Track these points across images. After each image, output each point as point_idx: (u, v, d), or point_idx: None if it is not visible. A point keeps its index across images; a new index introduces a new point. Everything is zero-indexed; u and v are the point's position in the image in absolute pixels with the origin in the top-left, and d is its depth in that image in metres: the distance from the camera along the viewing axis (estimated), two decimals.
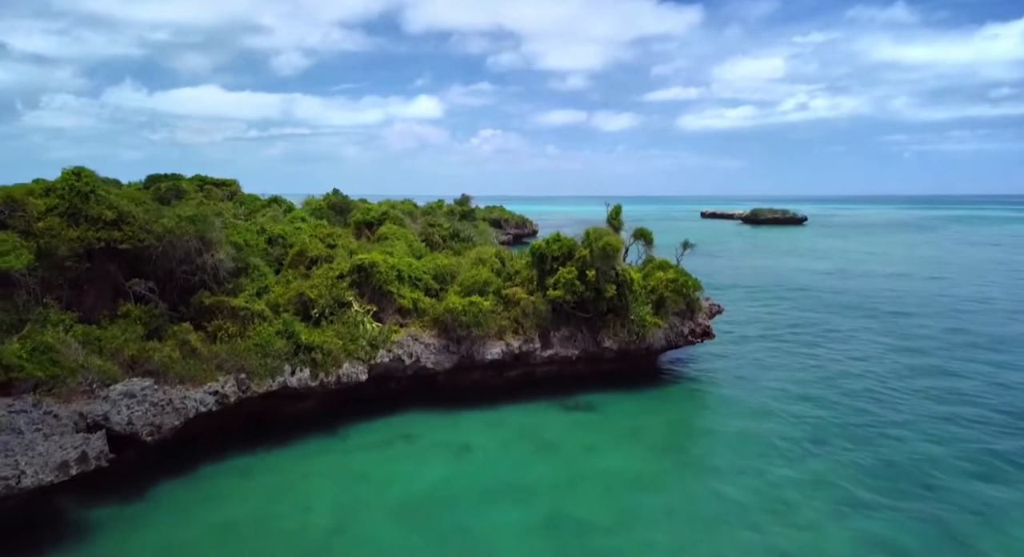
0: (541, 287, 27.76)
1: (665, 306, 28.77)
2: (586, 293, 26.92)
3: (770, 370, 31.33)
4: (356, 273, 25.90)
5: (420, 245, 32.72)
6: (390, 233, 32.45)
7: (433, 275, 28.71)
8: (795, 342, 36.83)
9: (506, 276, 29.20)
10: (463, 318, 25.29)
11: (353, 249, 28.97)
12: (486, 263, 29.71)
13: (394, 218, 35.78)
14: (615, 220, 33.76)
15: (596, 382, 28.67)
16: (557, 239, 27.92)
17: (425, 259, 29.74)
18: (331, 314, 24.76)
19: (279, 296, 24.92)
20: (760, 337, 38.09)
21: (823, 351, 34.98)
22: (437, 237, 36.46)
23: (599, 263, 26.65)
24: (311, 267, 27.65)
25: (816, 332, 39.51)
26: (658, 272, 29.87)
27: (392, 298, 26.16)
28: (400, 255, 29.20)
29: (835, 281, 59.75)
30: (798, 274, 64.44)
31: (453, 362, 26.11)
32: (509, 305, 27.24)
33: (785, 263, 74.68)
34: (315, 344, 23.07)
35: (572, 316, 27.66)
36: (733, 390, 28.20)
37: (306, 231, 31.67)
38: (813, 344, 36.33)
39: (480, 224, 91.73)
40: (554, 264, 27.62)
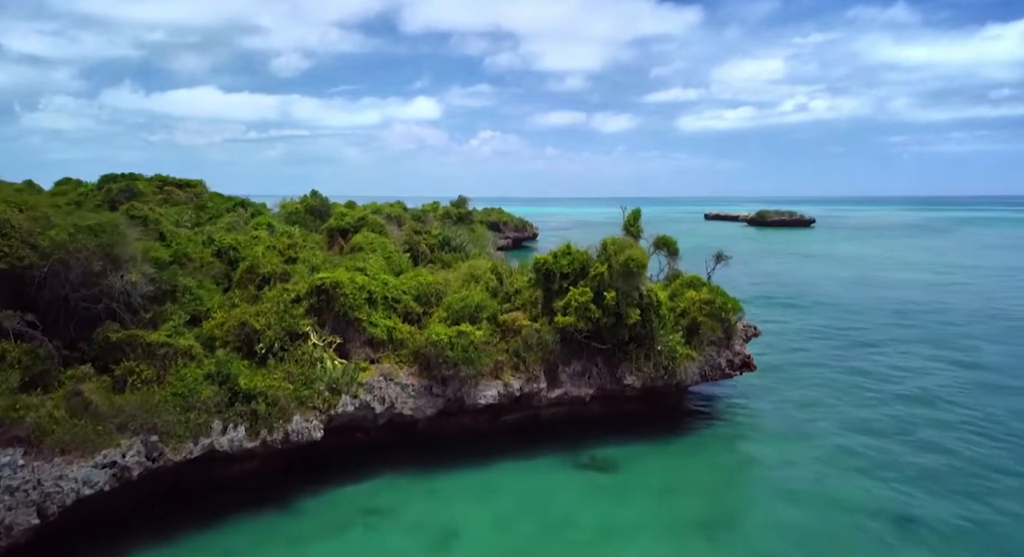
0: (547, 311, 22.49)
1: (699, 333, 23.53)
2: (603, 319, 21.66)
3: (822, 407, 26.08)
4: (315, 296, 20.62)
5: (402, 257, 27.44)
6: (365, 243, 27.18)
7: (415, 296, 23.43)
8: (842, 368, 31.58)
9: (504, 297, 23.95)
10: (450, 353, 20.03)
11: (316, 264, 23.68)
12: (480, 280, 24.44)
13: (373, 224, 30.51)
14: (633, 227, 28.55)
15: (613, 426, 23.45)
16: (567, 252, 22.66)
17: (406, 276, 24.47)
18: (282, 349, 19.50)
19: (215, 327, 19.64)
20: (800, 361, 32.85)
21: (878, 378, 29.76)
22: (424, 247, 31.20)
23: (620, 283, 21.40)
24: (263, 287, 22.38)
25: (862, 353, 34.28)
26: (689, 291, 24.63)
27: (361, 327, 20.88)
28: (375, 271, 23.93)
29: (865, 290, 54.53)
30: (822, 282, 59.21)
31: (437, 407, 20.85)
32: (508, 334, 21.99)
33: (805, 270, 69.48)
34: (257, 390, 17.79)
35: (585, 347, 22.40)
36: (782, 437, 22.94)
37: (264, 241, 26.39)
38: (863, 371, 31.05)
39: (477, 228, 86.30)
40: (563, 283, 22.35)
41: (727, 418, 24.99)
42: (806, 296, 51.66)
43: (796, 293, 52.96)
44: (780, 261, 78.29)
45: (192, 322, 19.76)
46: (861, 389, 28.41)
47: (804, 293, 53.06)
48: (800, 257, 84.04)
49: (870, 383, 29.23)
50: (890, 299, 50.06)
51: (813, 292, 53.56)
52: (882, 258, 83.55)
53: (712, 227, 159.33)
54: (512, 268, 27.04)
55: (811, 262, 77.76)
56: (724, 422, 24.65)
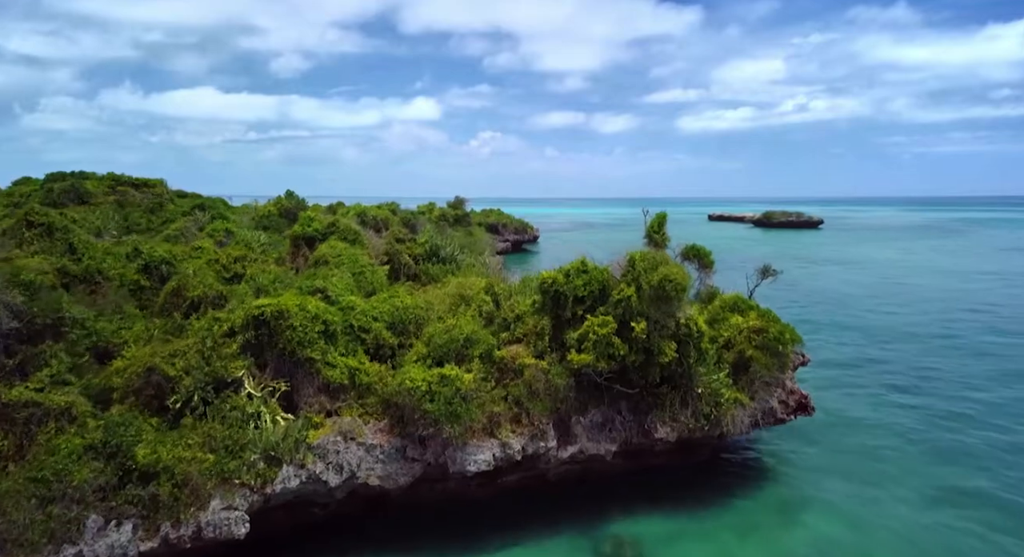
0: (557, 345, 17.54)
1: (748, 371, 18.59)
2: (630, 357, 16.71)
3: (890, 458, 21.15)
4: (253, 329, 15.66)
5: (377, 273, 22.43)
6: (332, 255, 22.21)
7: (388, 323, 18.47)
8: (904, 405, 26.64)
9: (502, 324, 19.01)
10: (428, 406, 15.07)
11: (264, 284, 18.72)
12: (471, 303, 19.51)
13: (345, 231, 25.54)
14: (658, 234, 23.61)
15: (639, 488, 18.56)
16: (582, 270, 17.67)
17: (379, 298, 19.48)
18: (204, 403, 14.55)
19: (114, 374, 14.69)
20: (848, 391, 27.93)
21: (950, 415, 24.87)
22: (406, 258, 26.23)
23: (652, 310, 16.44)
24: (191, 315, 17.45)
25: (921, 378, 29.43)
26: (733, 317, 19.71)
27: (313, 368, 15.91)
28: (339, 291, 18.95)
29: (899, 301, 49.63)
30: (850, 292, 54.29)
31: (413, 475, 15.89)
32: (506, 376, 17.05)
33: (826, 277, 64.57)
34: (161, 466, 12.88)
35: (606, 391, 17.46)
36: (852, 503, 18.03)
37: (208, 253, 21.45)
38: (929, 408, 26.13)
39: (475, 230, 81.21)
40: (578, 309, 17.39)
41: (777, 474, 20.05)
42: (836, 308, 46.73)
43: (824, 304, 48.03)
44: (798, 267, 73.33)
45: (71, 372, 14.75)
46: (931, 427, 23.51)
47: (833, 304, 48.13)
48: (817, 262, 79.14)
49: (944, 422, 24.32)
50: (932, 312, 45.17)
51: (842, 303, 48.62)
52: (902, 262, 78.72)
53: (717, 229, 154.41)
54: (511, 286, 22.10)
55: (830, 268, 72.84)
56: (774, 480, 19.72)
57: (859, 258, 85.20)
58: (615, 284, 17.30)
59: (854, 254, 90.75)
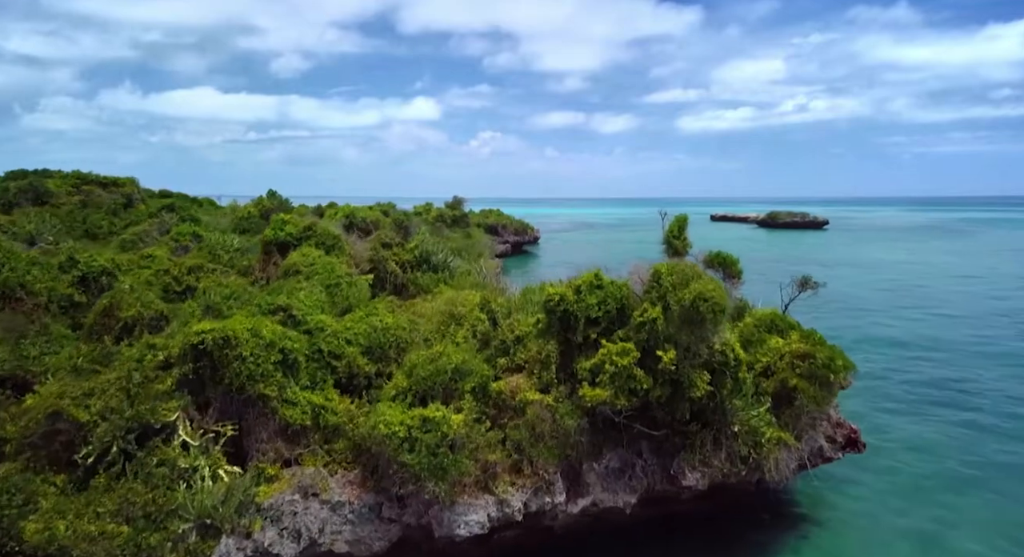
0: (567, 376, 14.56)
1: (794, 404, 15.62)
2: (655, 391, 13.73)
3: (950, 491, 18.28)
4: (192, 360, 12.68)
5: (356, 285, 19.42)
6: (304, 264, 19.23)
7: (365, 347, 15.50)
8: (949, 421, 23.71)
9: (499, 348, 16.04)
10: (407, 458, 12.09)
11: (214, 302, 15.73)
12: (463, 322, 16.54)
13: (322, 236, 22.53)
14: (678, 239, 20.68)
15: (659, 542, 15.66)
16: (596, 285, 14.64)
17: (355, 316, 16.46)
18: (125, 457, 11.59)
19: (8, 420, 11.70)
20: (890, 411, 24.97)
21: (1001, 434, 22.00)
22: (393, 266, 23.26)
23: (683, 335, 13.46)
24: (124, 339, 14.47)
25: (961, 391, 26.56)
26: (772, 338, 16.73)
27: (268, 407, 12.95)
28: (306, 309, 15.96)
29: (920, 305, 46.69)
30: (867, 295, 51.31)
31: (390, 539, 12.89)
32: (504, 414, 14.09)
33: (841, 279, 61.34)
34: (53, 548, 9.91)
35: (626, 430, 14.49)
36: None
37: (159, 262, 18.48)
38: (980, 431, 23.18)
39: (474, 232, 78.03)
40: (591, 332, 14.39)
41: (822, 521, 17.07)
42: (857, 315, 43.74)
43: (843, 310, 45.02)
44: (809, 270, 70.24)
45: (20, 393, 11.79)
46: (986, 449, 20.55)
47: (852, 310, 45.14)
48: (828, 264, 76.11)
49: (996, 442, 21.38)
50: (959, 318, 42.24)
51: (862, 309, 45.65)
52: (915, 264, 75.80)
53: (720, 229, 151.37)
54: (511, 299, 19.12)
55: (843, 270, 69.82)
56: (820, 528, 16.75)
57: (870, 260, 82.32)
58: (636, 303, 14.31)
59: (864, 256, 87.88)
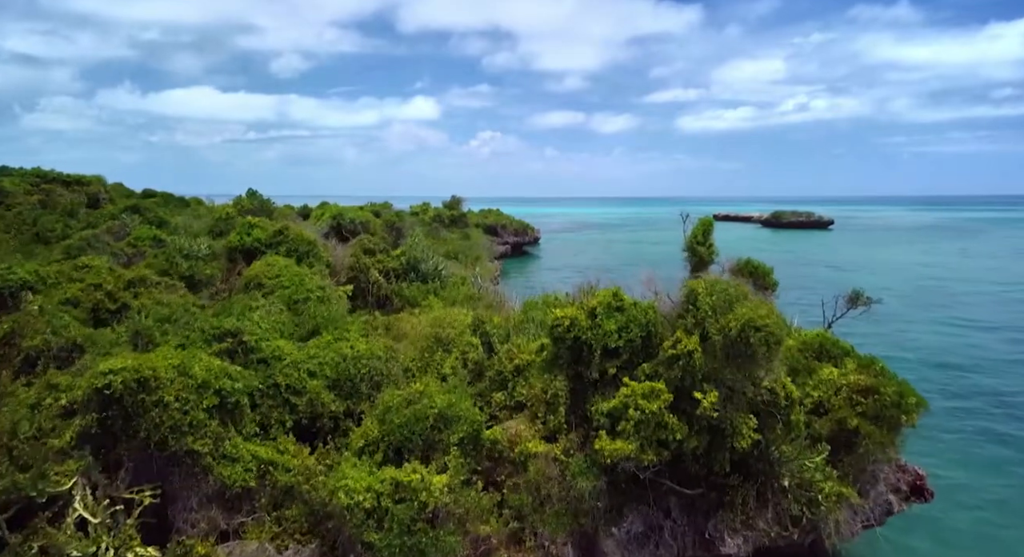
0: (578, 420, 11.70)
1: (856, 450, 12.76)
2: (690, 441, 10.88)
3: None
4: (98, 407, 9.85)
5: (332, 301, 16.54)
6: (268, 276, 16.38)
7: (332, 380, 12.67)
8: (1013, 459, 20.85)
9: (496, 379, 13.21)
10: (375, 538, 9.26)
11: (145, 328, 12.87)
12: (451, 347, 13.71)
13: (295, 242, 19.67)
14: (703, 246, 17.85)
15: None
16: (614, 306, 11.74)
17: (319, 342, 13.59)
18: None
19: None
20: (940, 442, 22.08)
21: None
22: (375, 275, 20.43)
23: (729, 371, 10.61)
24: (22, 375, 11.64)
25: (1019, 418, 23.67)
26: (824, 368, 13.87)
27: (200, 464, 10.13)
28: (261, 333, 13.13)
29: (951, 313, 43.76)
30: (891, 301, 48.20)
31: None
32: (501, 469, 11.27)
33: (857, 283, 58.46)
34: None
35: (653, 487, 11.66)
36: None
37: (96, 274, 15.65)
38: None
39: (472, 232, 74.93)
40: (609, 366, 11.52)
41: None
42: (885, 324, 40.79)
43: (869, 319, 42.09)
44: (822, 273, 67.58)
45: None
46: None
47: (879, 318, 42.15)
48: (841, 267, 73.22)
49: None
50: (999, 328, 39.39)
51: (890, 317, 42.56)
52: (935, 266, 72.88)
53: (724, 230, 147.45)
54: (510, 316, 16.30)
55: (859, 274, 66.82)
56: None
57: (884, 261, 79.43)
58: (666, 330, 11.46)
59: (877, 256, 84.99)
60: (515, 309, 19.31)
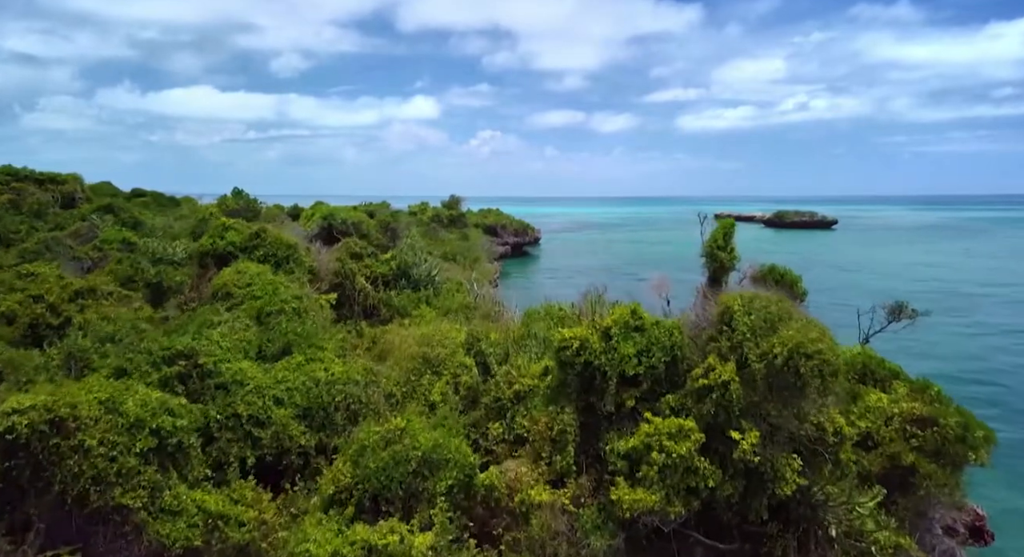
0: (589, 458, 9.88)
1: (913, 490, 10.95)
2: (724, 489, 9.07)
3: None
4: (2, 455, 8.05)
5: (310, 316, 14.69)
6: (238, 285, 14.55)
7: (302, 409, 10.87)
8: None
9: (492, 406, 11.40)
10: None
11: (81, 350, 11.03)
12: (442, 369, 11.90)
13: (273, 245, 17.86)
14: (724, 251, 16.03)
15: None
16: (632, 325, 9.91)
17: (288, 363, 11.77)
18: None
19: None
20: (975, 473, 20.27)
21: None
22: (362, 281, 18.63)
23: (773, 407, 8.80)
24: None
25: None
26: (870, 393, 12.04)
27: (130, 523, 8.33)
28: (224, 353, 11.32)
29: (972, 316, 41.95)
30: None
31: None
32: (499, 519, 9.47)
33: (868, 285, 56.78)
34: None
35: (679, 539, 9.84)
36: None
37: (41, 283, 13.84)
38: None
39: (471, 233, 73.01)
40: (627, 396, 9.70)
41: None
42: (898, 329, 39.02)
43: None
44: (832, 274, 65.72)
45: None
46: None
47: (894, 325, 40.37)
48: (849, 268, 71.40)
49: None
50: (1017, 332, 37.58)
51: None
52: (942, 267, 71.19)
53: None
54: (509, 330, 14.49)
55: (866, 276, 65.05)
56: None
57: (891, 261, 77.66)
58: (694, 354, 9.64)
59: (883, 257, 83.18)
60: (515, 318, 17.51)
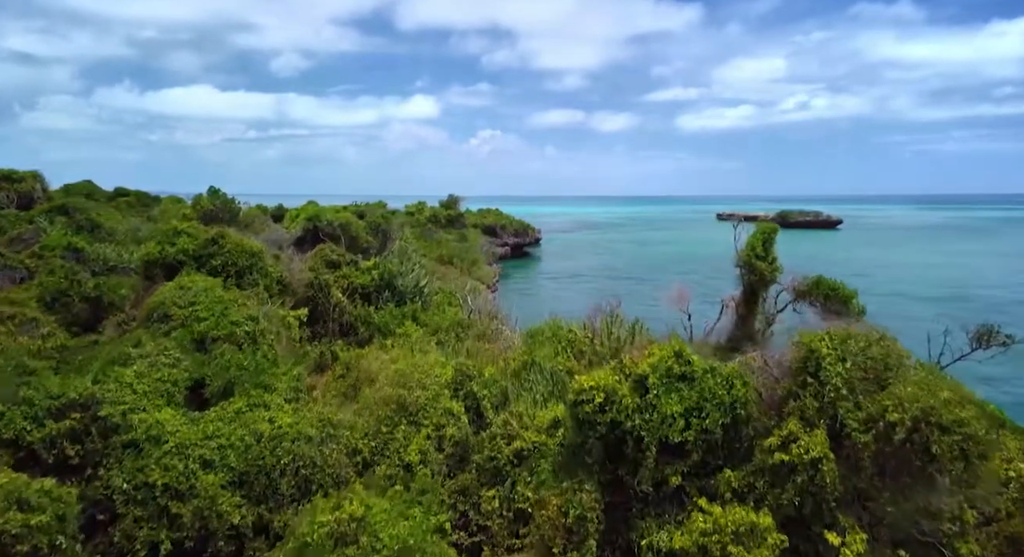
0: (614, 554, 7.29)
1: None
2: None
3: None
4: None
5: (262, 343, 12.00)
6: (178, 304, 11.90)
7: (239, 474, 8.24)
8: None
9: (486, 469, 8.79)
10: None
11: None
12: (422, 418, 9.28)
13: (234, 253, 15.20)
14: (764, 261, 13.40)
15: None
16: (678, 372, 7.30)
17: (223, 411, 9.13)
18: None
19: None
20: None
21: None
22: (338, 295, 15.98)
23: (889, 500, 6.18)
24: None
25: None
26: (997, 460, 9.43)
27: None
28: (137, 398, 8.68)
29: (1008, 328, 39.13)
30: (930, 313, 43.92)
31: None
32: None
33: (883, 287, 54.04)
34: None
35: None
36: None
37: None
38: None
39: (470, 233, 70.30)
40: (669, 471, 7.11)
41: None
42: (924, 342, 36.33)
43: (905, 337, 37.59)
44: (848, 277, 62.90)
45: None
46: None
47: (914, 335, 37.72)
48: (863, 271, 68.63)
49: None
50: None
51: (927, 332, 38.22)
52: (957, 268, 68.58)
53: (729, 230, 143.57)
54: (509, 360, 11.85)
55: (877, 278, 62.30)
56: None
57: (903, 262, 74.93)
58: (764, 415, 7.00)
59: (894, 258, 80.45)
60: (515, 339, 14.89)
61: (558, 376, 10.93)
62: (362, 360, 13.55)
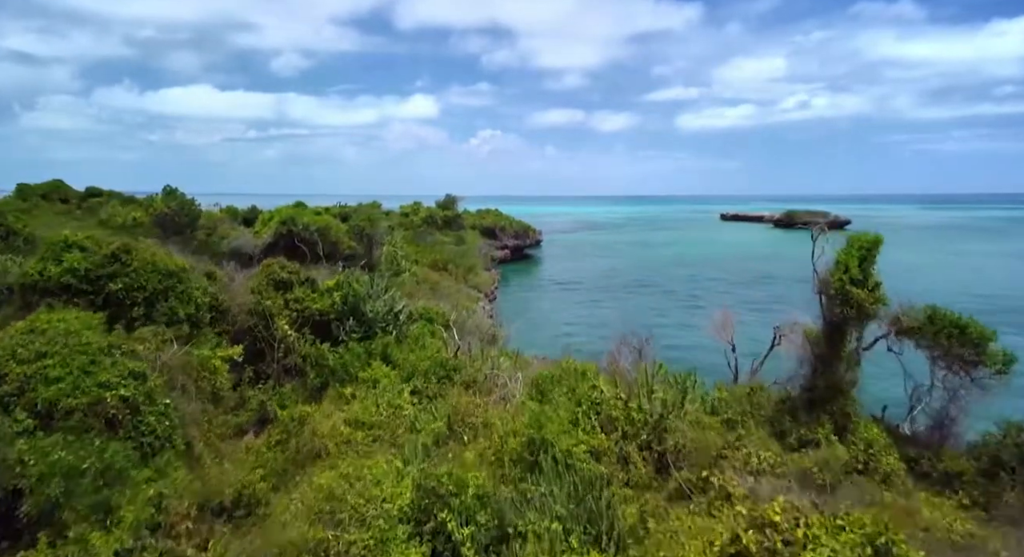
0: None
1: None
2: None
3: None
4: None
5: (174, 417, 8.10)
6: (22, 355, 8.07)
7: None
8: None
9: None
10: None
11: None
12: (390, 547, 5.49)
13: (145, 273, 11.34)
14: (860, 289, 9.50)
15: None
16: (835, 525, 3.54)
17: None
18: None
19: None
20: None
21: None
22: (283, 327, 12.13)
23: None
24: None
25: None
26: None
27: None
28: None
29: None
30: (993, 322, 40.08)
31: None
32: None
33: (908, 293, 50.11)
34: None
35: None
36: None
37: None
38: None
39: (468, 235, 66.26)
40: None
41: None
42: None
43: None
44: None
45: None
46: None
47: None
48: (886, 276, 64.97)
49: None
50: None
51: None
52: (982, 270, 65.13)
53: (735, 231, 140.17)
54: (506, 450, 8.02)
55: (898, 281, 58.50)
56: None
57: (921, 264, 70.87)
58: None
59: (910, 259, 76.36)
60: (516, 391, 11.03)
61: (576, 465, 7.15)
62: (309, 420, 9.81)
